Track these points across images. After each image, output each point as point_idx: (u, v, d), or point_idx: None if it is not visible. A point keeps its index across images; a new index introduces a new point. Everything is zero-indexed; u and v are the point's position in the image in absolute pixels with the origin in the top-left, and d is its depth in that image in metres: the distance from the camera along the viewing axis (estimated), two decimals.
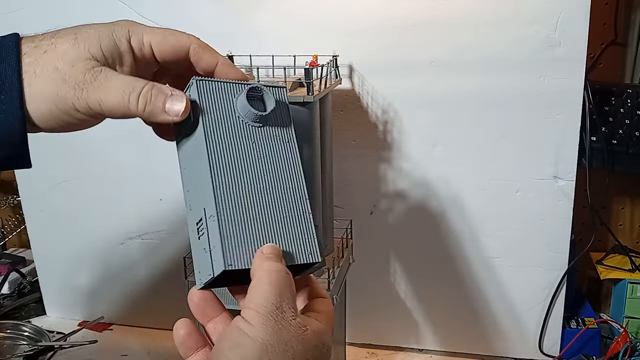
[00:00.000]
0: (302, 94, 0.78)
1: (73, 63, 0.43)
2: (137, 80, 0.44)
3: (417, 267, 1.08)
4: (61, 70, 0.42)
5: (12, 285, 1.32)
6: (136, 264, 1.18)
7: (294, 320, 0.40)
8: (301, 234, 0.45)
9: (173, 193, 1.09)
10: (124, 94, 0.43)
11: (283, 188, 0.46)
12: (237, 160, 0.45)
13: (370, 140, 1.02)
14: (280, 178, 0.46)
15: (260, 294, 0.40)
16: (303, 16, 0.98)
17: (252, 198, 0.44)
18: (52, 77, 0.42)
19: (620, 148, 1.05)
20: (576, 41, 0.91)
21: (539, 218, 1.01)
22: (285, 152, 0.47)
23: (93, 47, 0.44)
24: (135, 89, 0.43)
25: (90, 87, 0.43)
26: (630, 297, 1.07)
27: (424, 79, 0.97)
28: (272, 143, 0.47)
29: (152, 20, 1.02)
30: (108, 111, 0.43)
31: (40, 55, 0.43)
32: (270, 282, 0.40)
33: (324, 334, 0.42)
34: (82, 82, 0.43)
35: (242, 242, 0.43)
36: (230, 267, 0.42)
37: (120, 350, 1.14)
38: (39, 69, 0.42)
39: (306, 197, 0.46)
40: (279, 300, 0.40)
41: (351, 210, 1.05)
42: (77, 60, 0.43)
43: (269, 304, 0.39)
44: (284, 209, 0.45)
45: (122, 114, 0.43)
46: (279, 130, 0.48)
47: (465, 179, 1.01)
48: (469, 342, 1.10)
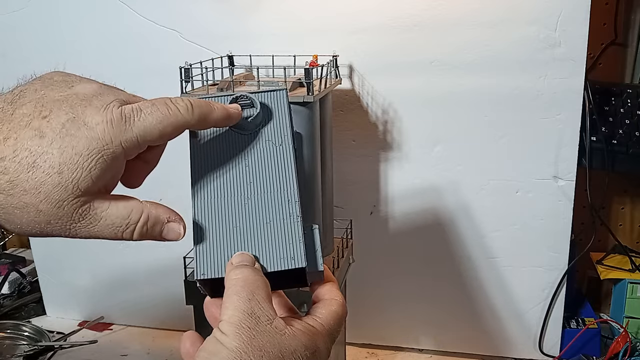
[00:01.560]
0: (302, 94, 0.78)
1: (59, 204, 0.38)
2: (131, 211, 0.41)
3: (417, 267, 1.08)
4: (44, 212, 0.38)
5: (12, 285, 1.32)
6: (136, 264, 1.18)
7: (270, 325, 0.39)
8: (286, 239, 0.44)
9: (173, 193, 1.08)
10: (117, 232, 0.41)
11: (270, 194, 0.46)
12: (220, 171, 0.46)
13: (370, 140, 1.02)
14: (268, 184, 0.46)
15: (229, 304, 0.40)
16: (303, 16, 0.98)
17: (234, 207, 0.45)
18: (34, 219, 0.38)
19: (620, 148, 1.05)
20: (576, 41, 0.91)
21: (539, 218, 1.01)
22: (277, 155, 0.47)
23: (83, 181, 0.38)
24: (129, 226, 0.41)
25: (80, 225, 0.39)
26: (630, 297, 1.07)
27: (424, 79, 0.97)
28: (262, 148, 0.47)
29: (152, 20, 1.02)
30: (99, 239, 0.41)
31: (12, 167, 0.37)
32: (237, 291, 0.40)
33: (315, 335, 0.41)
34: (70, 221, 0.39)
35: (218, 252, 0.44)
36: (202, 276, 0.43)
37: (120, 350, 1.14)
38: (13, 192, 0.37)
39: (296, 200, 0.45)
40: (249, 306, 0.39)
41: (351, 210, 1.05)
42: (64, 202, 0.38)
43: (239, 313, 0.39)
44: (269, 215, 0.45)
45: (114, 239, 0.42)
46: (273, 133, 0.48)
47: (465, 179, 1.01)
48: (469, 342, 1.10)
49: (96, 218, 0.39)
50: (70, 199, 0.38)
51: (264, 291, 0.41)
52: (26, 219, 0.38)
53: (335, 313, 0.44)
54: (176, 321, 1.18)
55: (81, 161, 0.38)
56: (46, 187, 0.37)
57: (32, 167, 0.37)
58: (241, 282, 0.40)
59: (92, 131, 0.38)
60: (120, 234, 0.41)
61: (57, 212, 0.38)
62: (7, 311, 1.26)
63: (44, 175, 0.37)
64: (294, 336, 0.40)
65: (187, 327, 0.51)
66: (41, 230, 0.38)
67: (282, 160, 0.47)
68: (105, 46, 1.05)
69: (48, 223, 0.38)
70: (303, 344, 0.40)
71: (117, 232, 0.40)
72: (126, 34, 1.04)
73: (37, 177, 0.37)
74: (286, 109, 0.49)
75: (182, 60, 0.80)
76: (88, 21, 1.06)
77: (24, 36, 1.08)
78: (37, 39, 1.08)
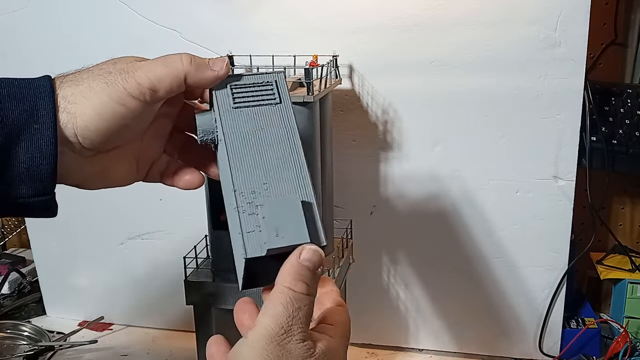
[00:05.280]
0: (302, 94, 0.78)
1: (110, 64, 0.45)
2: (174, 54, 0.47)
3: (417, 267, 1.08)
4: (103, 68, 0.45)
5: (12, 285, 1.32)
6: (136, 264, 1.18)
7: (301, 344, 0.39)
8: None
9: (173, 193, 1.08)
10: (168, 62, 0.45)
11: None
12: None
13: (370, 140, 1.02)
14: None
15: (269, 313, 0.39)
16: (303, 16, 0.98)
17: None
18: (96, 75, 0.44)
19: (620, 148, 1.05)
20: (576, 41, 0.91)
21: (539, 218, 1.01)
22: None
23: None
24: (176, 55, 0.46)
25: (134, 69, 0.45)
26: (630, 297, 1.07)
27: (424, 79, 0.97)
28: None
29: (151, 20, 1.02)
30: (157, 81, 0.44)
31: (71, 76, 0.45)
32: (285, 302, 0.39)
33: (336, 352, 0.41)
34: (125, 68, 0.45)
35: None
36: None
37: (120, 350, 1.14)
38: (74, 78, 0.44)
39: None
40: (289, 323, 0.39)
41: (351, 210, 1.05)
42: (110, 62, 0.46)
43: (277, 327, 0.38)
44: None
45: (170, 80, 0.45)
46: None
47: (465, 179, 1.01)
48: (469, 342, 1.10)
49: (146, 61, 0.46)
50: (127, 61, 0.46)
51: (309, 309, 0.40)
52: (94, 81, 0.44)
53: (347, 321, 0.45)
54: (176, 321, 1.18)
55: None
56: None
57: None
58: (293, 295, 0.39)
59: None
60: (172, 62, 0.46)
61: (113, 67, 0.45)
62: (7, 311, 1.26)
63: None
64: (322, 354, 0.40)
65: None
66: (106, 82, 0.44)
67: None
68: (105, 46, 1.05)
69: (109, 73, 0.45)
70: None
71: (170, 62, 0.46)
72: (126, 34, 1.04)
73: None
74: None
75: None
76: (88, 21, 1.06)
77: (24, 36, 1.08)
78: (37, 39, 1.08)
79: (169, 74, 0.45)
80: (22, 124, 0.41)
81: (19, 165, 0.42)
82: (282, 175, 0.45)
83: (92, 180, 0.48)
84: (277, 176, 0.45)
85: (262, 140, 0.47)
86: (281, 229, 0.41)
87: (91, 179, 0.48)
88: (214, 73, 0.47)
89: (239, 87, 0.49)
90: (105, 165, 0.48)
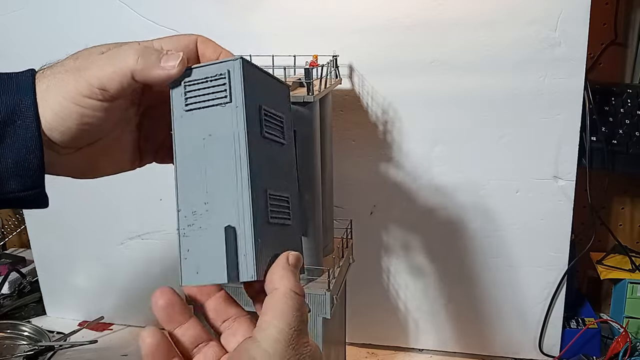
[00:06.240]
0: (302, 94, 0.78)
1: (76, 57, 0.45)
2: (126, 45, 0.44)
3: (417, 267, 1.08)
4: (65, 64, 0.44)
5: (12, 285, 1.32)
6: (136, 264, 1.18)
7: (307, 348, 0.39)
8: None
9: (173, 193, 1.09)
10: (118, 58, 0.43)
11: None
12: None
13: (370, 140, 1.02)
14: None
15: (281, 318, 0.38)
16: (303, 16, 0.98)
17: None
18: (57, 72, 0.44)
19: (620, 148, 1.05)
20: (576, 41, 0.91)
21: (539, 218, 1.01)
22: None
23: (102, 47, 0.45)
24: (126, 49, 0.43)
25: (87, 66, 0.43)
26: (630, 297, 1.07)
27: (424, 79, 0.97)
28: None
29: (152, 20, 1.02)
30: (106, 80, 0.42)
31: (52, 66, 0.45)
32: (295, 306, 0.39)
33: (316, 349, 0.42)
34: (80, 66, 0.43)
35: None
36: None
37: (120, 350, 1.14)
38: (49, 72, 0.44)
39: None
40: (299, 327, 0.39)
41: (351, 210, 1.05)
42: (81, 54, 0.45)
43: (292, 331, 0.38)
44: None
45: (118, 79, 0.42)
46: None
47: (465, 179, 1.01)
48: (468, 342, 1.10)
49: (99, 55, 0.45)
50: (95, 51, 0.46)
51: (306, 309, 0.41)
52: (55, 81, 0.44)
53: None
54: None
55: None
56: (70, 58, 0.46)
57: None
58: (297, 298, 0.39)
59: None
60: (121, 60, 0.43)
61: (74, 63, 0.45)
62: (7, 311, 1.26)
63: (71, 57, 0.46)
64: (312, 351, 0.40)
65: None
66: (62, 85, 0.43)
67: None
68: None
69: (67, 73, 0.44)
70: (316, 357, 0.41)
71: (118, 59, 0.43)
72: (126, 34, 1.03)
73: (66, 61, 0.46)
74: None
75: None
76: (88, 21, 1.05)
77: (24, 36, 1.08)
78: (37, 39, 1.08)
79: (118, 73, 0.42)
80: (6, 120, 0.42)
81: (5, 160, 0.42)
82: (223, 194, 0.40)
83: (82, 171, 0.48)
84: (218, 194, 0.40)
85: (209, 150, 0.41)
86: (201, 266, 0.41)
87: (81, 170, 0.48)
88: (164, 72, 0.42)
89: (192, 83, 0.42)
90: (94, 158, 0.48)
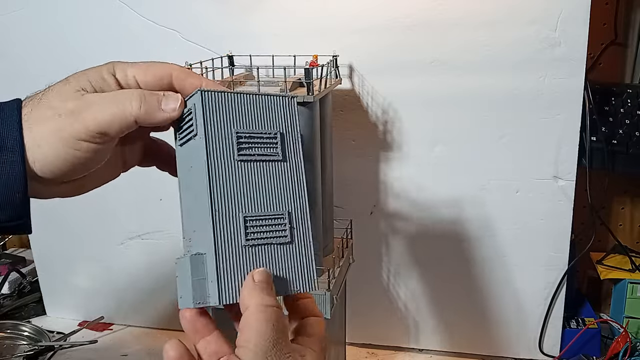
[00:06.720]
0: (302, 94, 0.78)
1: (64, 98, 0.44)
2: (126, 90, 0.45)
3: (417, 267, 1.08)
4: (55, 107, 0.43)
5: (12, 285, 1.32)
6: (136, 264, 1.18)
7: (289, 358, 0.40)
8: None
9: (173, 193, 1.09)
10: (117, 103, 0.43)
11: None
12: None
13: (370, 140, 1.02)
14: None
15: (256, 332, 0.40)
16: (303, 16, 0.98)
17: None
18: (49, 116, 0.43)
19: (620, 148, 1.05)
20: (576, 41, 0.91)
21: (539, 218, 1.01)
22: None
23: (82, 82, 0.45)
24: (126, 94, 0.44)
25: (82, 110, 0.43)
26: (630, 297, 1.07)
27: (424, 79, 0.97)
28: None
29: (151, 20, 1.02)
30: (106, 125, 0.43)
31: (36, 104, 0.44)
32: (267, 318, 0.40)
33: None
34: (74, 109, 0.43)
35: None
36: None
37: (120, 350, 1.14)
38: (36, 114, 0.43)
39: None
40: (275, 337, 0.40)
41: (351, 210, 1.05)
42: (68, 94, 0.44)
43: (267, 342, 0.39)
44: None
45: (119, 123, 0.43)
46: None
47: (465, 179, 1.01)
48: (469, 342, 1.10)
49: (95, 97, 0.44)
50: (72, 91, 0.44)
51: (286, 319, 0.42)
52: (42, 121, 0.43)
53: (323, 333, 0.45)
54: (176, 321, 1.18)
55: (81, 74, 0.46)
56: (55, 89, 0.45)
57: None
58: (270, 311, 0.40)
59: None
60: (121, 104, 0.43)
61: (63, 104, 0.44)
62: (7, 311, 1.26)
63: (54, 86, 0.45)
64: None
65: None
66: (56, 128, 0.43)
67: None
68: (105, 46, 1.05)
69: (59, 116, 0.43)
70: None
71: (117, 105, 0.43)
72: (126, 34, 1.04)
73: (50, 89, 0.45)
74: None
75: (182, 60, 0.80)
76: (88, 21, 1.06)
77: (24, 36, 1.08)
78: (37, 39, 1.08)
79: (118, 118, 0.43)
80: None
81: None
82: (201, 222, 0.43)
83: (69, 194, 0.48)
84: (200, 223, 0.43)
85: (192, 180, 0.45)
86: (180, 292, 0.45)
87: (68, 194, 0.48)
88: (165, 115, 0.45)
89: (182, 117, 0.46)
90: (81, 183, 0.48)
